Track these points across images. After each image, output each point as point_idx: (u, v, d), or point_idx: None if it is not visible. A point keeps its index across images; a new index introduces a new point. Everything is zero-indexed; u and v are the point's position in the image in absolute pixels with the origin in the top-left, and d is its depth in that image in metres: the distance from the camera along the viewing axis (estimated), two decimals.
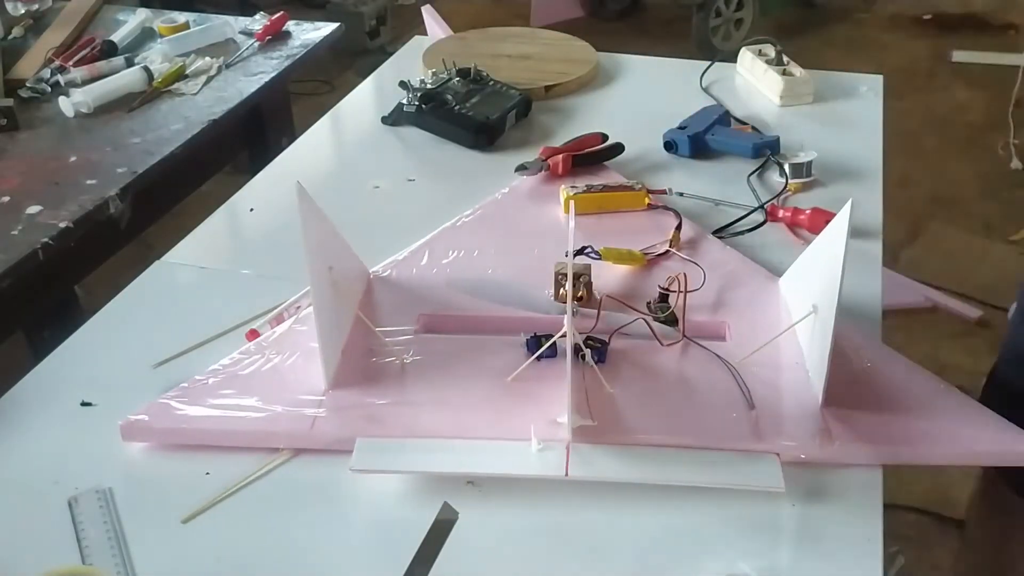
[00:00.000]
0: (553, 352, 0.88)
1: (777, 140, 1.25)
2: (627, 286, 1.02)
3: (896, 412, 0.85)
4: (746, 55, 1.50)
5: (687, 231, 1.09)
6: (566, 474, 0.78)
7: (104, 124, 1.42)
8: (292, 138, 1.42)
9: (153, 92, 1.56)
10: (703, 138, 1.29)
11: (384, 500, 0.79)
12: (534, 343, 0.89)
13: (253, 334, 0.95)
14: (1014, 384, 1.12)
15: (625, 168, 1.25)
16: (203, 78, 1.60)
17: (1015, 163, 2.97)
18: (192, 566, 0.74)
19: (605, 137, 1.27)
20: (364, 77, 1.57)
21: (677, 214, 1.11)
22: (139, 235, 1.42)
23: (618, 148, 1.26)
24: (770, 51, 1.48)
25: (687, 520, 0.77)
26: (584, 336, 0.89)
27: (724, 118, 1.32)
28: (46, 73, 1.60)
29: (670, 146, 1.30)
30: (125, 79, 1.57)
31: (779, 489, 0.78)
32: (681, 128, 1.30)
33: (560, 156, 1.22)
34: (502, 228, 1.12)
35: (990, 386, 1.19)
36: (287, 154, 1.35)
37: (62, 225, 1.22)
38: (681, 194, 1.18)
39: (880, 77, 1.48)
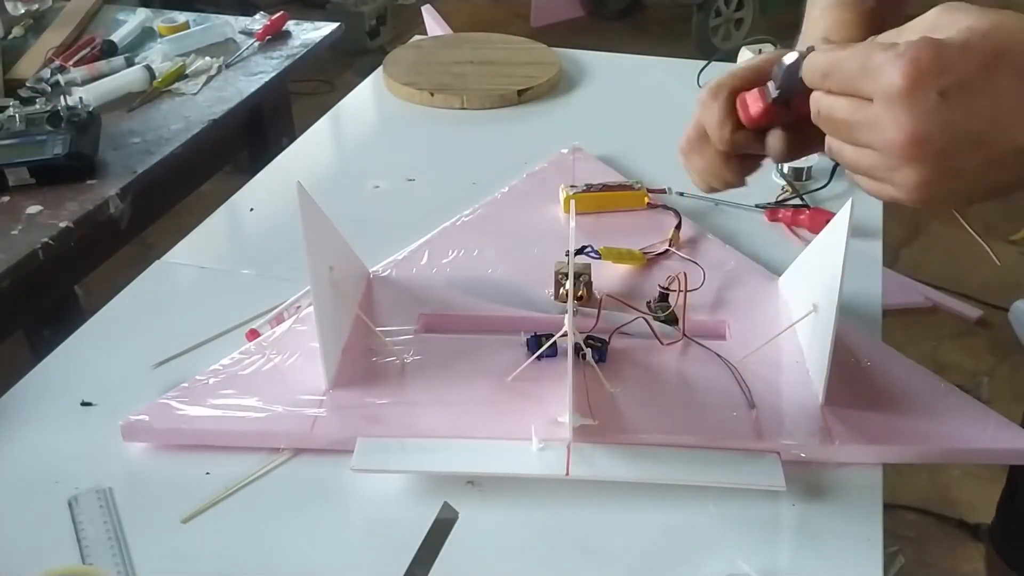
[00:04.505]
0: (553, 351, 0.88)
1: None
2: (627, 285, 1.02)
3: (896, 412, 0.85)
4: (745, 55, 1.50)
5: (687, 230, 1.09)
6: (567, 473, 0.78)
7: (104, 124, 1.42)
8: (292, 138, 1.42)
9: (153, 92, 1.56)
10: None
11: (384, 500, 0.79)
12: (534, 342, 0.89)
13: (253, 334, 0.95)
14: None
15: (624, 168, 1.25)
16: (203, 78, 1.60)
17: None
18: (192, 566, 0.74)
19: None
20: (364, 77, 1.57)
21: (677, 213, 1.11)
22: (139, 235, 1.42)
23: None
24: (770, 50, 1.48)
25: (687, 520, 0.77)
26: (584, 335, 0.89)
27: None
28: (46, 73, 1.60)
29: None
30: (125, 79, 1.57)
31: (780, 488, 0.78)
32: None
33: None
34: (502, 228, 1.12)
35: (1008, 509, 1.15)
36: (287, 154, 1.35)
37: (62, 225, 1.22)
38: (681, 193, 1.18)
39: None
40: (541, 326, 0.92)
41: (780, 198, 1.17)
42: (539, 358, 0.87)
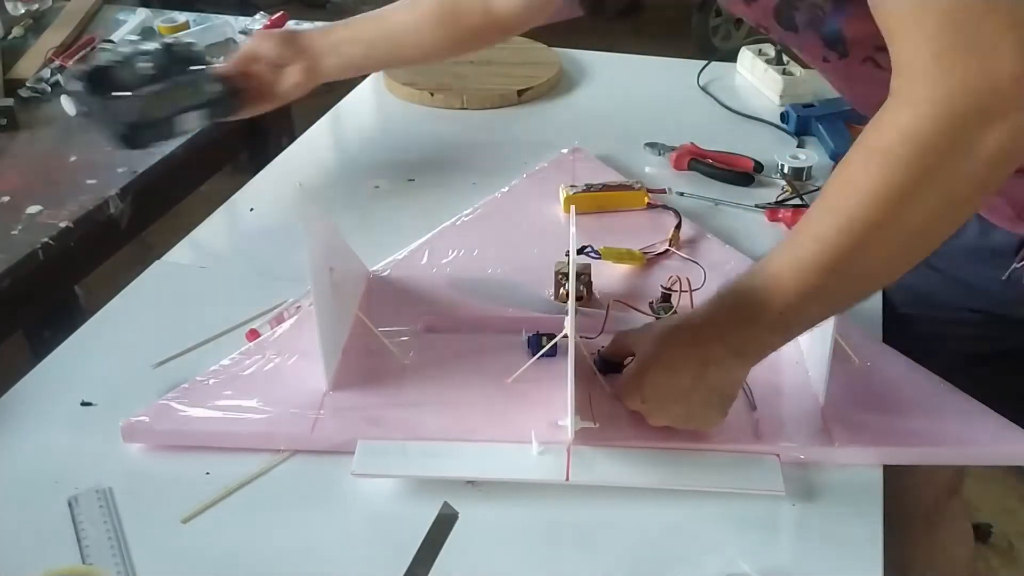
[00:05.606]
0: (554, 352, 0.88)
1: None
2: (627, 285, 1.02)
3: (896, 412, 0.85)
4: (746, 54, 1.50)
5: (687, 230, 1.09)
6: (567, 478, 0.78)
7: None
8: (292, 138, 1.42)
9: None
10: (812, 122, 1.30)
11: (384, 500, 0.79)
12: (535, 340, 0.89)
13: (253, 334, 0.95)
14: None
15: (624, 168, 1.25)
16: None
17: None
18: (192, 566, 0.74)
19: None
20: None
21: (677, 213, 1.11)
22: (139, 235, 1.42)
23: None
24: (770, 50, 1.48)
25: (687, 519, 0.77)
26: (592, 352, 0.89)
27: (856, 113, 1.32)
28: (46, 73, 1.59)
29: (784, 117, 1.34)
30: None
31: (780, 493, 0.77)
32: (808, 106, 1.33)
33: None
34: (502, 228, 1.12)
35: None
36: (287, 154, 1.35)
37: (62, 225, 1.22)
38: (681, 193, 1.18)
39: None
40: (541, 326, 0.92)
41: (780, 198, 1.17)
42: (539, 358, 0.87)
